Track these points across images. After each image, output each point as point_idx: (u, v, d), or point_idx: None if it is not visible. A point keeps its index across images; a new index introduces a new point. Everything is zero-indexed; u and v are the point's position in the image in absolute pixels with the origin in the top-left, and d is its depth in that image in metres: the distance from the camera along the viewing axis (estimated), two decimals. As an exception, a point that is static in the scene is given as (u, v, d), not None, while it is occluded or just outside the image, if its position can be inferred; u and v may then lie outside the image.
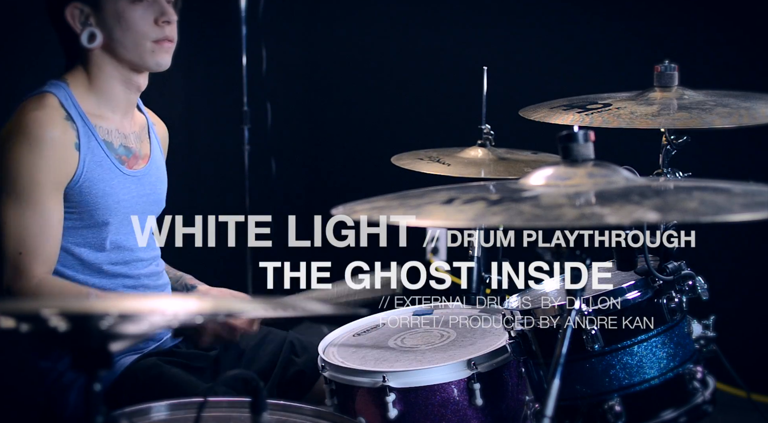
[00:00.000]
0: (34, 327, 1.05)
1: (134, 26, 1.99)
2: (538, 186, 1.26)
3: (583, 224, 1.10)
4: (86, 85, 2.01)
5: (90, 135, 1.96)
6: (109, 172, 1.99)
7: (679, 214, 1.14)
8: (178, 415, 1.48)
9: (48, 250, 1.90)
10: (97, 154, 1.97)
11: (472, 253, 2.20)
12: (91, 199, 1.96)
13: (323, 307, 1.18)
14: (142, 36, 1.99)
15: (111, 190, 1.99)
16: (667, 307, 1.67)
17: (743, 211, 1.09)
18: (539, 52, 3.65)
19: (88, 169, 1.95)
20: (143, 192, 2.08)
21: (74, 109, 1.96)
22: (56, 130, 1.90)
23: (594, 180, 1.25)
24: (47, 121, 1.90)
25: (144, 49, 2.00)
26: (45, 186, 1.88)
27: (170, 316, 1.12)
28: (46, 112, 1.91)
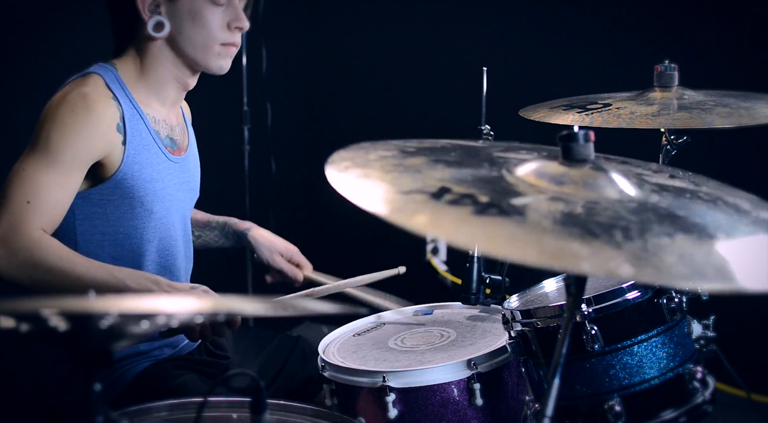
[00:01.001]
0: (34, 327, 1.05)
1: (208, 26, 1.96)
2: (531, 184, 1.22)
3: (555, 266, 1.05)
4: (137, 73, 1.98)
5: (138, 118, 1.94)
6: (155, 158, 1.97)
7: (654, 272, 1.09)
8: (178, 415, 1.48)
9: (54, 212, 1.85)
10: (144, 138, 1.95)
11: (472, 253, 2.20)
12: (138, 184, 1.93)
13: (323, 307, 1.18)
14: (214, 37, 1.97)
15: (158, 175, 1.97)
16: (667, 307, 1.67)
17: (717, 278, 1.06)
18: (539, 52, 3.65)
19: (135, 153, 1.92)
20: (184, 179, 2.07)
21: (121, 91, 1.93)
22: (100, 107, 1.87)
23: (586, 191, 1.21)
24: (92, 97, 1.87)
25: (212, 50, 1.98)
26: (76, 154, 1.84)
27: (170, 315, 1.12)
28: (91, 88, 1.88)
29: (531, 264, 1.03)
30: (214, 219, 2.32)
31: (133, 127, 1.92)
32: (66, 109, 1.84)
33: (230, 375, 1.89)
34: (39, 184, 1.82)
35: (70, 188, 1.86)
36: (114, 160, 1.90)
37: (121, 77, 1.95)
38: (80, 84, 1.90)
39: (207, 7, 1.96)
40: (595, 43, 3.51)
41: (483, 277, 2.19)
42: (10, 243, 1.79)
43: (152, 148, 1.96)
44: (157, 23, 1.94)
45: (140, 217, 1.96)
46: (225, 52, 2.00)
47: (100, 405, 1.08)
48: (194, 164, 2.15)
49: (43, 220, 1.82)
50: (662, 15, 3.40)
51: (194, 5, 1.95)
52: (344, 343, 2.07)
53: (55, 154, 1.83)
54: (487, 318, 2.13)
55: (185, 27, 1.95)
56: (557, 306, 1.70)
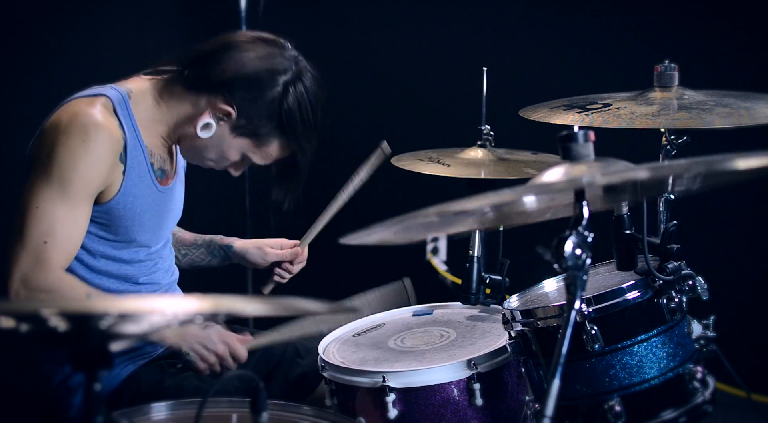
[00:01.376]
0: (34, 327, 1.05)
1: (219, 161, 2.00)
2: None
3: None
4: (152, 108, 1.96)
5: (138, 148, 1.94)
6: (148, 189, 1.98)
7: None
8: (178, 415, 1.48)
9: (71, 247, 1.86)
10: (141, 170, 1.95)
11: (472, 253, 2.20)
12: (129, 215, 1.94)
13: (323, 307, 1.18)
14: (210, 165, 2.02)
15: (147, 207, 1.98)
16: (667, 307, 1.67)
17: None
18: (539, 52, 3.64)
19: (132, 184, 1.93)
20: (169, 207, 2.08)
21: (127, 118, 1.92)
22: (108, 134, 1.86)
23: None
24: (101, 122, 1.85)
25: (200, 163, 2.03)
26: (89, 185, 1.85)
27: (170, 316, 1.12)
28: (99, 112, 1.86)
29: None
30: (200, 238, 2.32)
31: (133, 158, 1.92)
32: (77, 138, 1.82)
33: (230, 375, 1.89)
34: (55, 221, 1.82)
35: (83, 221, 1.88)
36: (112, 189, 1.91)
37: (131, 105, 1.93)
38: (88, 107, 1.87)
39: (237, 157, 1.99)
40: (595, 43, 3.51)
41: (483, 277, 2.19)
42: (31, 285, 1.81)
43: (146, 179, 1.97)
44: (206, 126, 1.94)
45: (126, 239, 1.98)
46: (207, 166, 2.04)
47: (100, 405, 1.08)
48: (179, 191, 2.16)
49: (62, 257, 1.84)
50: (662, 15, 3.39)
51: (232, 151, 1.97)
52: (344, 343, 2.07)
53: (68, 188, 1.83)
54: (487, 318, 2.13)
55: (211, 148, 1.97)
56: (557, 306, 1.70)
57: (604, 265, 1.98)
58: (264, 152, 1.99)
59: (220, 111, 1.93)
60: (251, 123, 1.94)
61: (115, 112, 1.90)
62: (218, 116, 1.94)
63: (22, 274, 1.81)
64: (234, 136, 1.96)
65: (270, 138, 1.97)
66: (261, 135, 1.96)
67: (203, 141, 1.96)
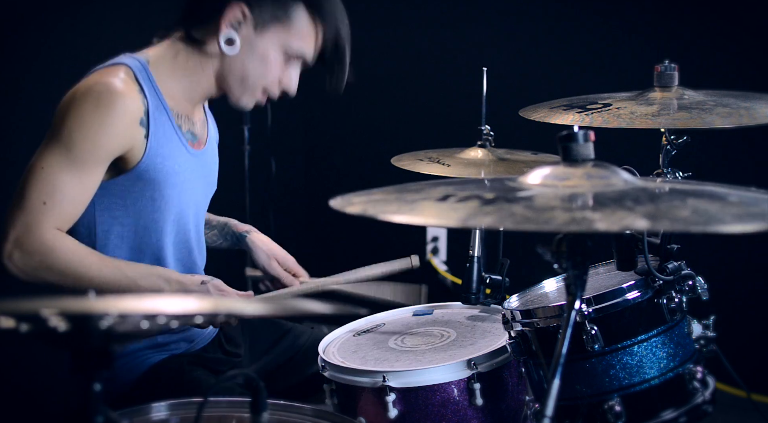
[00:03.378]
0: (34, 327, 1.05)
1: (268, 71, 1.95)
2: (536, 185, 1.26)
3: (573, 229, 1.10)
4: (171, 68, 1.95)
5: (162, 111, 1.92)
6: (177, 150, 1.95)
7: (670, 223, 1.14)
8: (178, 414, 1.48)
9: (71, 211, 1.83)
10: (167, 131, 1.93)
11: (472, 253, 2.20)
12: (161, 177, 1.91)
13: (323, 307, 1.18)
14: (263, 82, 1.96)
15: (179, 167, 1.96)
16: (667, 307, 1.67)
17: (735, 222, 1.09)
18: (539, 52, 3.65)
19: (158, 145, 1.90)
20: (203, 172, 2.07)
21: (149, 84, 1.90)
22: (125, 101, 1.83)
23: (592, 182, 1.25)
24: (118, 90, 1.83)
25: (252, 91, 1.97)
26: (97, 151, 1.82)
27: (170, 316, 1.12)
28: (118, 79, 1.85)
29: (549, 230, 1.06)
30: (214, 218, 2.32)
31: (156, 120, 1.90)
32: (90, 103, 1.81)
33: (230, 375, 1.89)
34: (57, 184, 1.80)
35: (90, 186, 1.85)
36: (136, 153, 1.88)
37: (150, 70, 1.92)
38: (107, 75, 1.86)
39: (278, 58, 1.95)
40: (595, 43, 3.51)
41: (483, 277, 2.19)
42: (24, 245, 1.79)
43: (174, 140, 1.95)
44: (230, 39, 1.91)
45: (160, 210, 1.95)
46: (261, 98, 2.00)
47: (100, 405, 1.08)
48: (212, 158, 2.15)
49: (59, 220, 1.81)
50: (662, 15, 3.39)
51: (269, 50, 1.93)
52: (344, 343, 2.07)
53: (75, 152, 1.80)
54: (487, 318, 2.13)
55: (248, 61, 1.93)
56: (557, 306, 1.70)
57: (604, 265, 1.98)
58: (297, 31, 1.93)
59: (232, 17, 1.90)
60: (267, 7, 1.91)
61: (136, 78, 1.89)
62: (234, 25, 1.91)
63: (17, 236, 1.79)
64: (261, 33, 1.92)
65: (294, 11, 1.92)
66: (281, 13, 1.92)
67: (236, 59, 1.92)
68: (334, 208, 1.25)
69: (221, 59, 1.95)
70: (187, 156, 1.99)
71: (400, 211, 1.19)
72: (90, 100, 1.81)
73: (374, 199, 1.28)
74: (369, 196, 1.29)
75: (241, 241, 2.29)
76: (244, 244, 2.29)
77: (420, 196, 1.27)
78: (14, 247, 1.79)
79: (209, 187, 2.15)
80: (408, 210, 1.21)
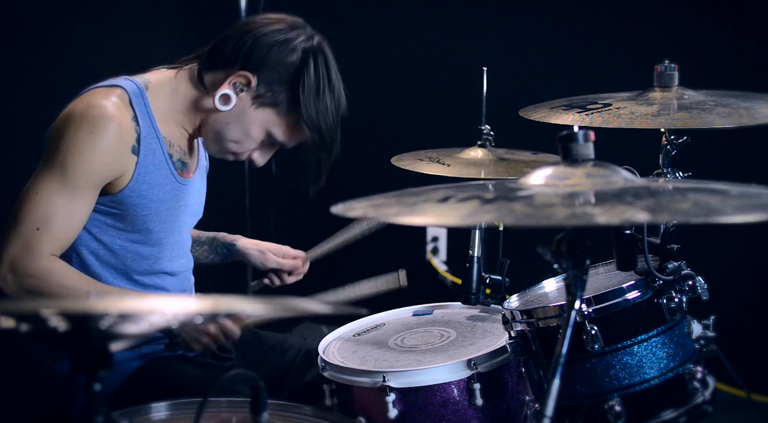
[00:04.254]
0: (34, 327, 1.05)
1: (243, 143, 1.96)
2: (536, 185, 1.26)
3: (573, 224, 1.10)
4: (169, 98, 1.95)
5: (154, 138, 1.92)
6: (164, 178, 1.96)
7: (670, 215, 1.14)
8: (178, 414, 1.48)
9: (64, 236, 1.84)
10: (157, 158, 1.93)
11: (472, 253, 2.20)
12: (144, 203, 1.92)
13: (323, 308, 1.18)
14: (234, 148, 1.97)
15: (164, 196, 1.96)
16: (667, 307, 1.67)
17: (736, 213, 1.09)
18: (539, 52, 3.64)
19: (146, 172, 1.91)
20: (189, 202, 2.07)
21: (143, 110, 1.90)
22: (119, 126, 1.84)
23: (592, 180, 1.25)
24: (113, 114, 1.83)
25: (223, 150, 1.99)
26: (91, 176, 1.83)
27: (170, 316, 1.12)
28: (111, 104, 1.85)
29: (550, 226, 1.06)
30: (203, 234, 2.31)
31: (147, 147, 1.91)
32: (85, 129, 1.81)
33: (231, 375, 1.89)
34: (51, 209, 1.81)
35: (83, 211, 1.86)
36: (125, 178, 1.89)
37: (147, 96, 1.92)
38: (101, 97, 1.86)
39: (260, 136, 1.96)
40: (595, 43, 3.51)
41: (483, 277, 2.19)
42: (18, 270, 1.80)
43: (163, 168, 1.95)
44: (226, 97, 1.91)
45: (141, 232, 1.96)
46: (228, 157, 2.02)
47: (100, 405, 1.08)
48: (200, 187, 2.14)
49: (53, 246, 1.82)
50: (662, 15, 3.39)
51: (255, 126, 1.94)
52: (344, 343, 2.07)
53: (69, 177, 1.81)
54: (487, 318, 2.13)
55: (232, 124, 1.94)
56: (557, 306, 1.70)
57: (604, 265, 1.98)
58: (286, 125, 1.95)
59: (238, 79, 1.90)
60: (271, 90, 1.91)
61: (131, 103, 1.89)
62: (237, 87, 1.91)
63: (11, 259, 1.80)
64: (255, 107, 1.93)
65: (291, 107, 1.93)
66: (282, 103, 1.92)
67: (224, 117, 1.93)
68: (336, 214, 1.25)
69: (207, 109, 1.95)
70: (175, 184, 2.00)
71: (400, 214, 1.20)
72: (85, 126, 1.82)
73: (375, 204, 1.28)
74: (370, 202, 1.30)
75: (231, 250, 2.29)
76: (235, 253, 2.30)
77: (420, 198, 1.27)
78: (8, 270, 1.80)
79: (193, 217, 2.14)
80: (409, 211, 1.21)
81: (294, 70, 1.91)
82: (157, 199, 1.95)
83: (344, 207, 1.27)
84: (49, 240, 1.81)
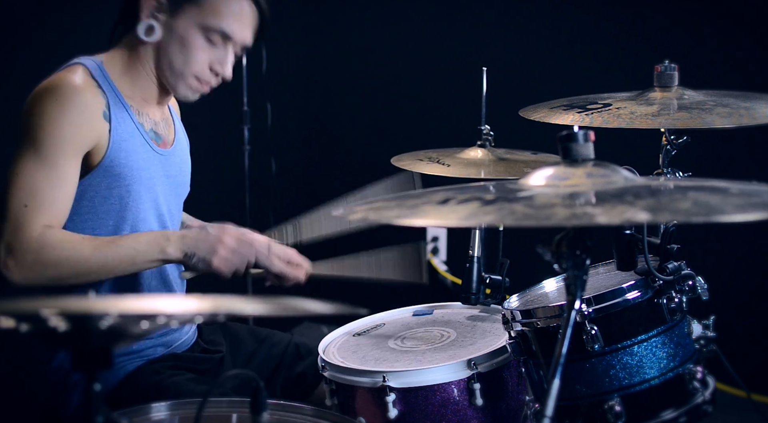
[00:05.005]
0: (34, 327, 1.05)
1: (191, 57, 1.96)
2: (537, 186, 1.26)
3: (573, 224, 1.10)
4: (122, 67, 1.98)
5: (121, 107, 1.94)
6: (140, 147, 1.96)
7: (671, 214, 1.14)
8: (178, 414, 1.48)
9: (56, 207, 1.83)
10: (128, 127, 1.94)
11: (472, 253, 2.20)
12: (125, 172, 1.92)
13: (323, 307, 1.18)
14: (191, 69, 1.97)
15: (144, 163, 1.96)
16: (667, 307, 1.67)
17: (736, 212, 1.09)
18: (539, 52, 3.65)
19: (120, 139, 1.91)
20: (171, 173, 2.06)
21: (105, 82, 1.93)
22: (85, 94, 1.86)
23: (593, 180, 1.25)
24: (77, 84, 1.86)
25: (184, 79, 1.98)
26: (64, 144, 1.83)
27: (170, 316, 1.12)
28: (76, 76, 1.88)
29: (550, 226, 1.06)
30: (208, 226, 2.31)
31: (117, 115, 1.92)
32: (50, 99, 1.83)
33: (230, 375, 1.89)
34: (34, 185, 1.81)
35: (67, 181, 1.85)
36: (101, 148, 1.89)
37: (105, 69, 1.95)
38: (64, 73, 1.89)
39: (198, 39, 1.95)
40: (595, 43, 3.51)
41: (483, 277, 2.19)
42: (14, 250, 1.79)
43: (136, 136, 1.96)
44: (149, 27, 1.94)
45: (129, 208, 1.94)
46: (196, 86, 2.00)
47: (100, 405, 1.08)
48: (182, 159, 2.14)
49: (45, 218, 1.81)
50: (662, 15, 3.39)
51: (187, 32, 1.95)
52: (344, 343, 2.07)
53: (45, 150, 1.82)
54: (487, 318, 2.13)
55: (170, 46, 1.96)
56: (557, 306, 1.70)
57: (604, 265, 1.98)
58: (213, 9, 1.94)
59: (149, 6, 1.93)
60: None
61: (92, 76, 1.92)
62: (152, 13, 1.94)
63: (6, 243, 1.80)
64: (176, 17, 1.94)
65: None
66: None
67: (162, 49, 1.95)
68: (338, 217, 1.25)
69: (151, 51, 1.97)
70: (152, 153, 2.00)
71: (401, 216, 1.20)
72: (50, 97, 1.84)
73: (376, 207, 1.28)
74: (370, 205, 1.30)
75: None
76: None
77: (420, 200, 1.27)
78: (6, 253, 1.80)
79: (180, 188, 2.14)
80: (409, 214, 1.21)
81: None
82: (138, 167, 1.95)
83: (346, 210, 1.28)
84: (38, 214, 1.80)
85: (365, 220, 1.21)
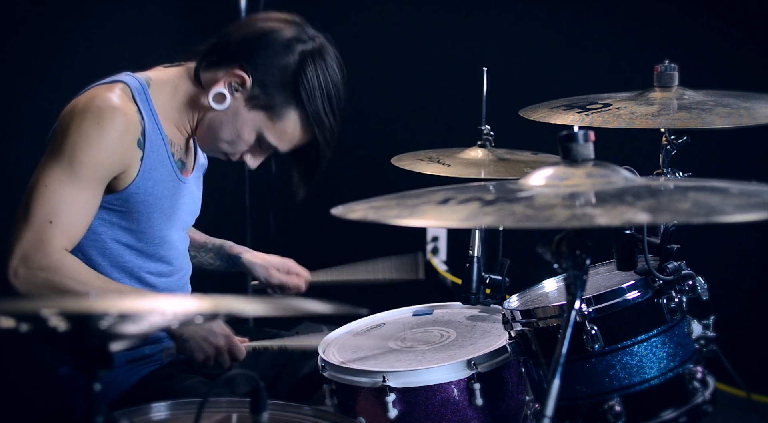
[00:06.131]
0: (34, 327, 1.05)
1: (234, 142, 1.95)
2: (537, 186, 1.26)
3: (573, 225, 1.10)
4: (170, 95, 1.95)
5: (158, 133, 1.92)
6: (168, 176, 1.96)
7: (671, 215, 1.14)
8: (178, 415, 1.48)
9: (75, 230, 1.83)
10: (160, 155, 1.93)
11: (472, 253, 2.20)
12: (150, 200, 1.92)
13: (323, 307, 1.18)
14: (227, 148, 1.97)
15: (168, 193, 1.96)
16: (667, 307, 1.67)
17: (736, 212, 1.09)
18: (539, 52, 3.64)
19: (151, 168, 1.91)
20: (187, 200, 2.07)
21: (146, 105, 1.90)
22: (125, 117, 1.84)
23: (593, 180, 1.25)
24: (118, 106, 1.84)
25: (216, 148, 1.99)
26: (99, 169, 1.82)
27: (170, 316, 1.12)
28: (116, 96, 1.85)
29: (550, 227, 1.06)
30: (210, 241, 2.32)
31: (152, 143, 1.91)
32: (91, 120, 1.81)
33: (231, 375, 1.89)
34: (62, 202, 1.80)
35: (93, 204, 1.85)
36: (130, 174, 1.89)
37: (149, 92, 1.92)
38: (105, 90, 1.86)
39: (251, 137, 1.95)
40: (595, 43, 3.51)
41: (483, 277, 2.18)
42: (30, 263, 1.78)
43: (166, 165, 1.96)
44: (221, 96, 1.91)
45: (143, 231, 1.96)
46: (220, 156, 2.02)
47: (100, 405, 1.08)
48: (197, 186, 2.15)
49: (65, 240, 1.81)
50: (662, 15, 3.39)
51: (247, 126, 1.93)
52: (344, 343, 2.07)
53: (78, 169, 1.81)
54: (487, 318, 2.13)
55: (226, 123, 1.94)
56: (557, 306, 1.70)
57: (604, 265, 1.98)
58: (280, 129, 1.94)
59: (234, 79, 1.90)
60: (265, 92, 1.90)
61: (134, 98, 1.89)
62: (233, 86, 1.91)
63: (23, 253, 1.78)
64: (249, 108, 1.92)
65: (285, 111, 1.92)
66: (276, 106, 1.91)
67: (218, 116, 1.92)
68: (336, 215, 1.25)
69: (208, 107, 1.94)
70: (176, 182, 2.00)
71: (401, 216, 1.20)
72: (92, 117, 1.82)
73: (375, 206, 1.28)
74: (370, 203, 1.30)
75: (236, 262, 2.30)
76: (240, 266, 2.30)
77: (421, 200, 1.27)
78: (20, 263, 1.78)
79: (191, 216, 2.15)
80: (409, 214, 1.21)
81: (291, 73, 1.91)
82: (161, 196, 1.95)
83: (345, 209, 1.27)
84: (61, 234, 1.80)
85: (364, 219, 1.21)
